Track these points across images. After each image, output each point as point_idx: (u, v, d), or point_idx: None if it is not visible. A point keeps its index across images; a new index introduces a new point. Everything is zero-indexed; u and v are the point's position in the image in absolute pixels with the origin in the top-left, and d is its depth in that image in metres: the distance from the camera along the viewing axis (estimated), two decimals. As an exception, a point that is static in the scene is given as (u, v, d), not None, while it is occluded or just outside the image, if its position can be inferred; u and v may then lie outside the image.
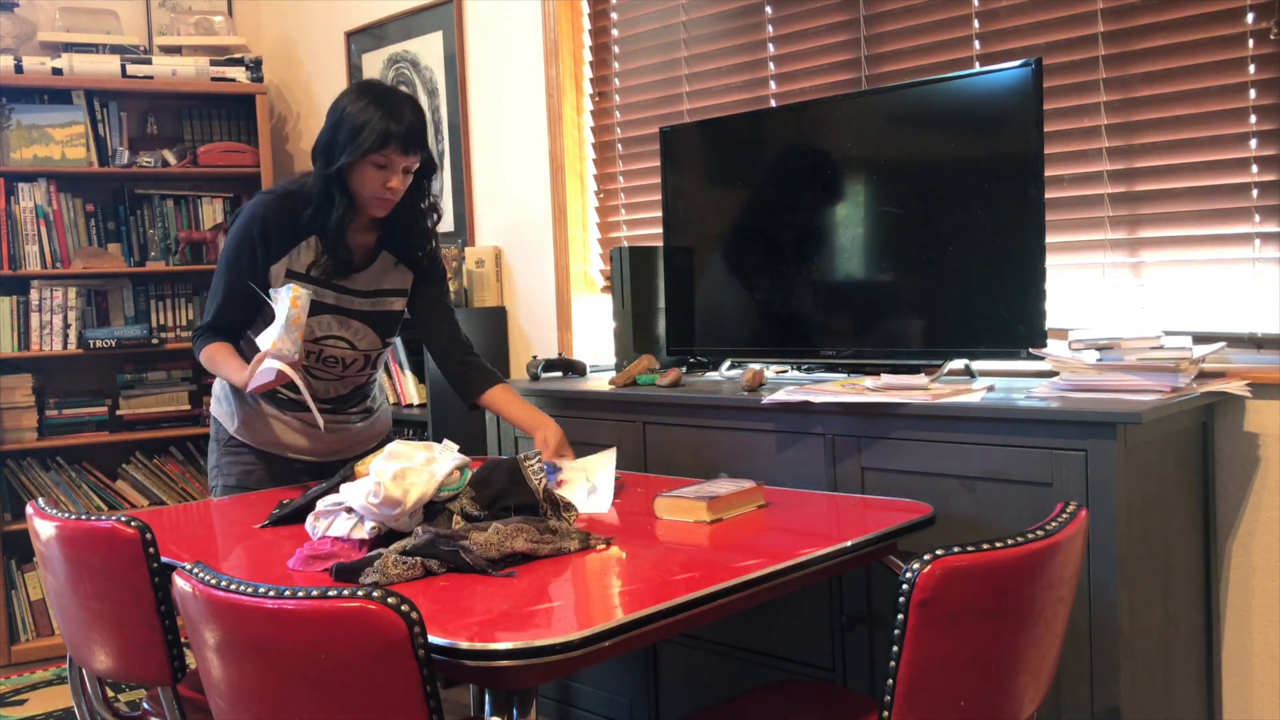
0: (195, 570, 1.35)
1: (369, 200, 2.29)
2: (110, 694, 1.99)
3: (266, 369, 2.13)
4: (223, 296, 2.37)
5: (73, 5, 4.15)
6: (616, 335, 2.96)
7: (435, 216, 2.44)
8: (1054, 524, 1.48)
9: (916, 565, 1.34)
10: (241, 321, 2.40)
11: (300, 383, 2.13)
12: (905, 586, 1.34)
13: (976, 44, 2.58)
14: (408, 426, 3.67)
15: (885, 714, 1.38)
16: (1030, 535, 1.44)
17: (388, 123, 2.21)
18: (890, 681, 1.37)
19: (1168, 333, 2.14)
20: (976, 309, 2.30)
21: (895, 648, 1.36)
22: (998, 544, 1.39)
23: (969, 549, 1.37)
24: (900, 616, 1.35)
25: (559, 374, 3.09)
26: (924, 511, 1.88)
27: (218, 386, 2.54)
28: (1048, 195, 2.27)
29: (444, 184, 3.90)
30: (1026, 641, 1.45)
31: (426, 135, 2.32)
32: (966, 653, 1.39)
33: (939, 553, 1.35)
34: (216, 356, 2.34)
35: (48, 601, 3.87)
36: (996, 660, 1.43)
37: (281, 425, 2.45)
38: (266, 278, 2.33)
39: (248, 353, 2.39)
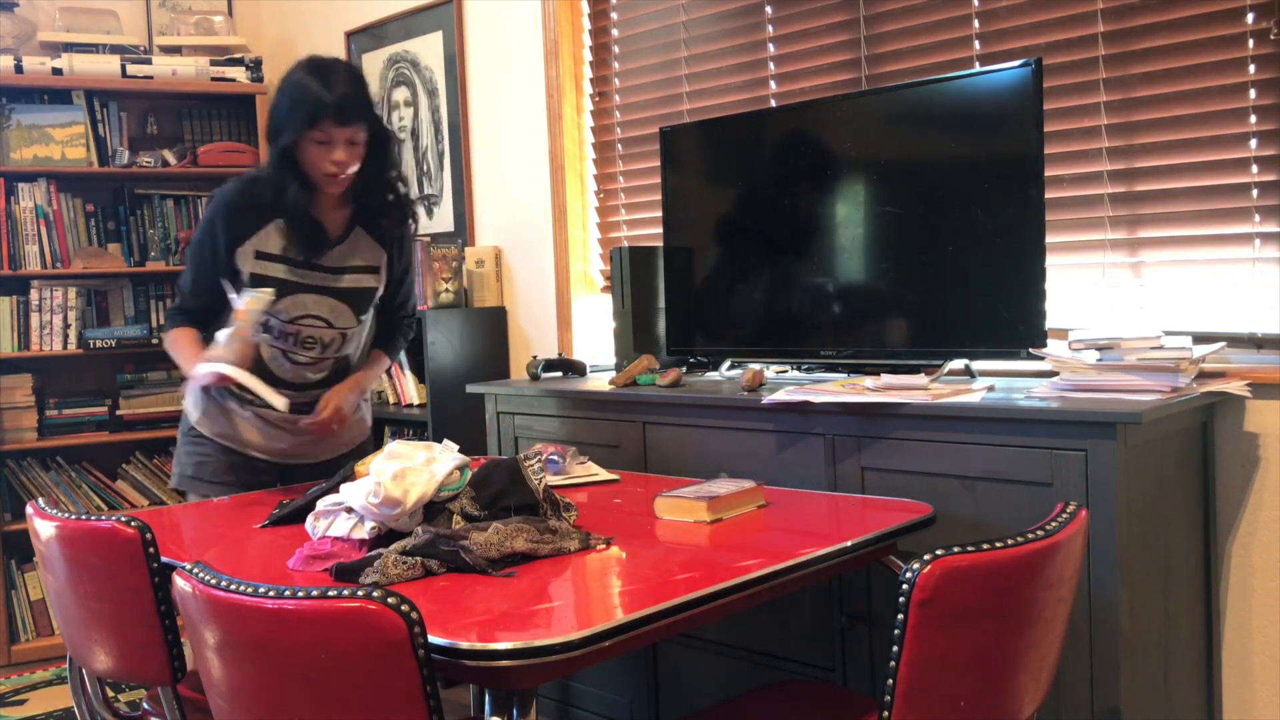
0: (195, 570, 1.35)
1: (321, 179, 2.26)
2: (110, 694, 1.99)
3: (204, 372, 2.17)
4: (190, 281, 2.40)
5: (73, 5, 4.15)
6: (616, 335, 2.96)
7: (404, 188, 2.43)
8: (1054, 524, 1.48)
9: (916, 565, 1.34)
10: (208, 307, 2.39)
11: (246, 380, 2.15)
12: (905, 586, 1.34)
13: (976, 44, 2.58)
14: (407, 426, 3.67)
15: (885, 714, 1.38)
16: (1030, 535, 1.44)
17: (319, 95, 2.19)
18: (890, 681, 1.37)
19: (1168, 333, 2.14)
20: (976, 309, 2.30)
21: (895, 648, 1.36)
22: (998, 544, 1.39)
23: (969, 549, 1.37)
24: (900, 616, 1.35)
25: (559, 374, 3.09)
26: (924, 511, 1.88)
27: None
28: (1048, 195, 2.27)
29: (444, 184, 3.90)
30: (1026, 641, 1.45)
31: (365, 105, 2.26)
32: (966, 653, 1.39)
33: (939, 553, 1.35)
34: (177, 342, 2.37)
35: (48, 601, 3.87)
36: (996, 660, 1.43)
37: (242, 422, 2.44)
38: (232, 261, 2.33)
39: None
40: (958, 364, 2.42)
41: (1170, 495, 2.09)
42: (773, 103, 2.97)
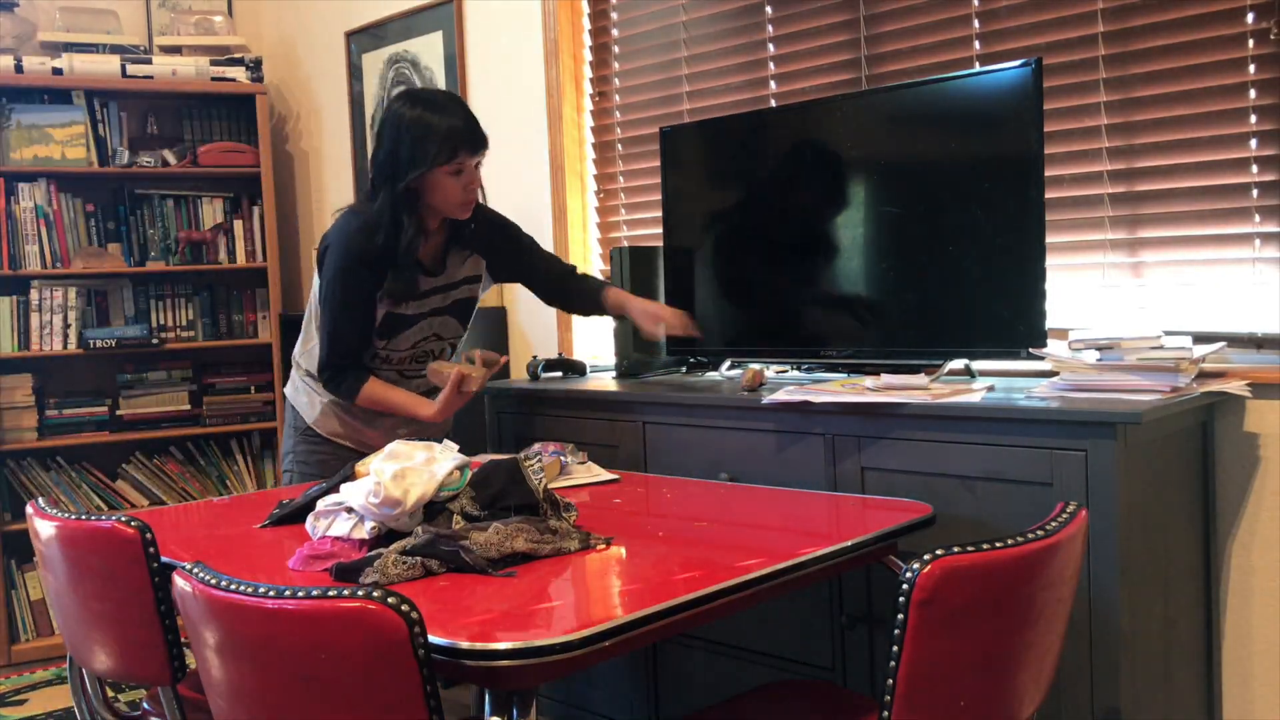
0: (195, 570, 1.35)
1: (454, 208, 2.36)
2: (110, 694, 1.99)
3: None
4: (354, 337, 2.42)
5: (73, 5, 4.15)
6: (616, 335, 2.96)
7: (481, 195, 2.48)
8: (1054, 524, 1.49)
9: (917, 565, 1.34)
10: (364, 347, 2.47)
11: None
12: (905, 586, 1.34)
13: (976, 44, 2.58)
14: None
15: (885, 714, 1.38)
16: (1030, 535, 1.44)
17: (454, 127, 2.26)
18: (890, 681, 1.37)
19: (1168, 333, 2.14)
20: (976, 309, 2.30)
21: (895, 648, 1.36)
22: (998, 544, 1.39)
23: (969, 549, 1.37)
24: (900, 616, 1.35)
25: (559, 374, 3.09)
26: (924, 511, 1.88)
27: (298, 380, 2.61)
28: (1048, 195, 2.27)
29: (444, 184, 3.90)
30: (1026, 641, 1.45)
31: (481, 127, 2.36)
32: (967, 653, 1.39)
33: (939, 553, 1.35)
34: (377, 392, 2.45)
35: (48, 601, 3.87)
36: (997, 660, 1.43)
37: (349, 424, 2.56)
38: (373, 309, 2.42)
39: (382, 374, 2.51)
40: (958, 364, 2.42)
41: (1170, 495, 2.09)
42: (773, 103, 2.97)
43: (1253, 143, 2.21)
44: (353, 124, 4.24)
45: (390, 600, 1.23)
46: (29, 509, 1.84)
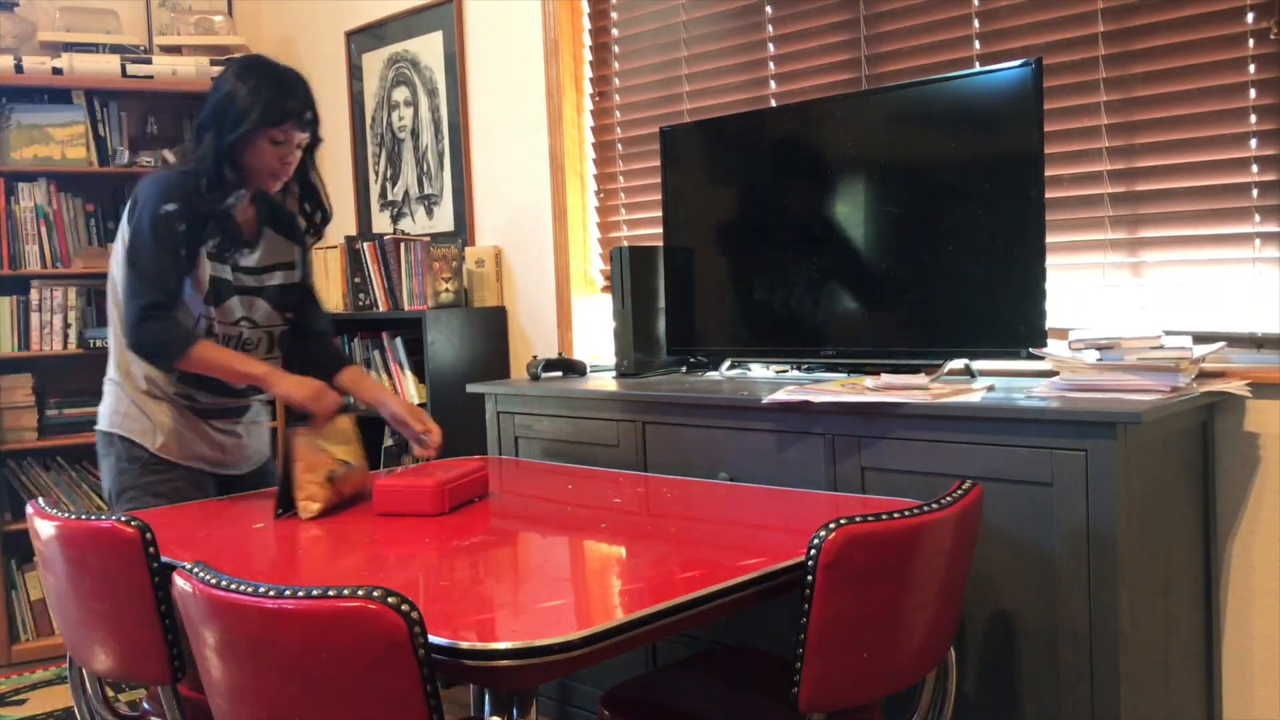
0: (195, 570, 1.35)
1: (264, 177, 2.26)
2: (110, 694, 1.99)
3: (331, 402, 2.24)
4: (172, 285, 2.20)
5: (73, 5, 4.15)
6: (616, 335, 2.96)
7: (318, 192, 2.41)
8: (948, 499, 1.62)
9: (824, 533, 1.47)
10: (179, 299, 2.24)
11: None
12: (814, 551, 1.47)
13: (976, 44, 2.58)
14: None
15: (798, 664, 1.48)
16: (925, 508, 1.57)
17: (290, 98, 2.23)
18: (802, 636, 1.48)
19: (1168, 333, 2.14)
20: (976, 309, 2.29)
21: (806, 606, 1.48)
22: (895, 515, 1.53)
23: (869, 519, 1.50)
24: (810, 578, 1.48)
25: (559, 374, 3.09)
26: (924, 511, 1.89)
27: (125, 402, 2.44)
28: (1048, 195, 2.27)
29: (444, 184, 3.90)
30: (915, 602, 1.58)
31: (318, 118, 2.31)
32: (867, 610, 1.52)
33: (843, 522, 1.49)
34: (211, 355, 2.21)
35: (48, 601, 3.86)
36: (894, 617, 1.56)
37: (202, 439, 2.40)
38: (195, 263, 2.24)
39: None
40: (958, 364, 2.42)
41: (1170, 495, 2.09)
42: (773, 103, 2.97)
43: (1253, 143, 2.21)
44: (353, 124, 4.24)
45: (390, 600, 1.23)
46: (29, 509, 1.84)
